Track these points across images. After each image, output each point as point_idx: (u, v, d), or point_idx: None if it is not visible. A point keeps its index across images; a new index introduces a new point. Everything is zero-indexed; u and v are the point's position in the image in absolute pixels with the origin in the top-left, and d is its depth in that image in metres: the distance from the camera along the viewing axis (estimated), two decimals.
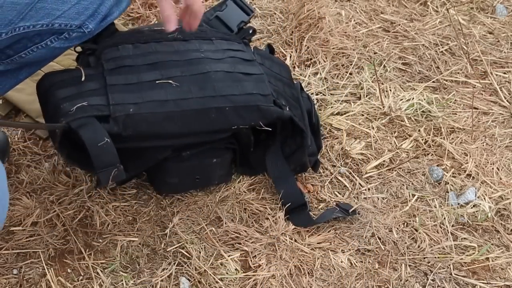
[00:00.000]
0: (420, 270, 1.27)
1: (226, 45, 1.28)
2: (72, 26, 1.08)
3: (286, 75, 1.37)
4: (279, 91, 1.26)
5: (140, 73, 1.16)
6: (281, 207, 1.32)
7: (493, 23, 1.89)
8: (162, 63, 1.18)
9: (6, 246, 1.23)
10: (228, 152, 1.32)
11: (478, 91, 1.67)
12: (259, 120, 1.21)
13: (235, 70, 1.22)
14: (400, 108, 1.57)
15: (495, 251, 1.31)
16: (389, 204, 1.38)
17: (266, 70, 1.28)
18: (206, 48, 1.24)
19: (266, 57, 1.34)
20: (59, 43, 1.10)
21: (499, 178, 1.45)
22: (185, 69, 1.18)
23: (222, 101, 1.17)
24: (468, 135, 1.53)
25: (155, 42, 1.22)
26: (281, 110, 1.22)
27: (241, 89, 1.19)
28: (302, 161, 1.33)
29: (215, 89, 1.17)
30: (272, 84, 1.25)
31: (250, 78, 1.22)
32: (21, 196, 1.31)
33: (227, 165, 1.34)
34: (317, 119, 1.40)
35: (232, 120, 1.19)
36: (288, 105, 1.25)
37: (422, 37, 1.80)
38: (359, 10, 1.88)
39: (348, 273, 1.25)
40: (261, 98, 1.20)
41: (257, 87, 1.21)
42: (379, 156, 1.46)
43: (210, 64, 1.20)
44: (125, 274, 1.21)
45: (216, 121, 1.18)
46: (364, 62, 1.70)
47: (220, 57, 1.23)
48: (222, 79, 1.19)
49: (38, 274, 1.20)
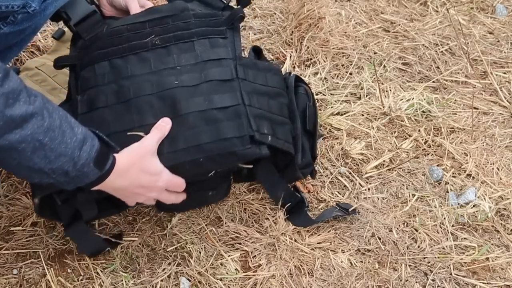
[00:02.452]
0: (420, 270, 1.27)
1: (207, 50, 1.18)
2: (14, 7, 1.04)
3: (273, 82, 1.23)
4: (262, 114, 1.16)
5: (112, 122, 1.11)
6: (281, 208, 1.32)
7: (493, 23, 1.89)
8: (135, 100, 1.11)
9: (6, 246, 1.23)
10: (225, 181, 1.30)
11: (478, 91, 1.67)
12: (237, 162, 1.19)
13: (210, 106, 1.12)
14: (400, 108, 1.57)
15: (495, 251, 1.31)
16: (389, 204, 1.38)
17: (247, 87, 1.17)
18: (184, 62, 1.16)
19: (249, 66, 1.21)
20: (8, 28, 1.07)
21: (499, 178, 1.45)
22: (158, 112, 1.11)
23: (194, 153, 1.10)
24: (468, 135, 1.53)
25: (133, 54, 1.16)
26: (258, 151, 1.13)
27: (215, 133, 1.10)
28: (294, 175, 1.28)
29: (187, 140, 1.10)
30: (252, 108, 1.15)
31: (225, 115, 1.12)
32: (21, 196, 1.31)
33: (224, 191, 1.32)
34: (314, 122, 1.30)
35: (208, 167, 1.15)
36: (273, 127, 1.16)
37: (422, 37, 1.80)
38: (359, 10, 1.88)
39: (348, 273, 1.25)
40: (237, 142, 1.11)
41: (232, 128, 1.11)
42: (379, 156, 1.46)
43: (183, 101, 1.11)
44: (125, 274, 1.21)
45: (190, 172, 1.13)
46: (364, 62, 1.70)
47: (197, 81, 1.14)
48: (194, 124, 1.11)
49: (38, 274, 1.20)
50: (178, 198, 1.18)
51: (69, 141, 0.94)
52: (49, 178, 0.95)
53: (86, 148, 0.96)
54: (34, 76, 1.52)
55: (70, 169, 0.95)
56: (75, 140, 0.95)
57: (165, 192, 1.14)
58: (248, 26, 1.77)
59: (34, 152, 0.90)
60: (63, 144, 0.93)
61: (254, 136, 1.12)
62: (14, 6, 1.04)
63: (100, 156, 0.98)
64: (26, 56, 1.60)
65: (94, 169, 0.98)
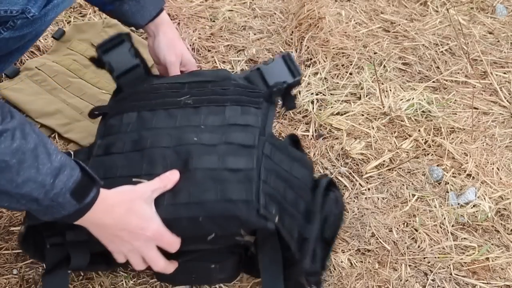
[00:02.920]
0: (420, 270, 1.27)
1: (236, 116, 1.15)
2: (13, 12, 1.01)
3: (298, 173, 1.14)
4: (274, 194, 1.06)
5: (121, 167, 1.08)
6: None
7: (493, 23, 1.89)
8: (149, 151, 1.09)
9: (6, 246, 1.23)
10: (231, 256, 1.14)
11: (478, 91, 1.67)
12: (239, 228, 1.04)
13: (222, 165, 1.06)
14: (400, 108, 1.57)
15: (495, 251, 1.31)
16: (389, 204, 1.38)
17: (269, 165, 1.09)
18: (210, 122, 1.13)
19: (279, 148, 1.14)
20: (9, 33, 1.05)
21: (499, 178, 1.45)
22: (169, 164, 1.07)
23: (195, 210, 1.02)
24: (468, 135, 1.53)
25: (163, 109, 1.15)
26: (264, 221, 1.02)
27: (221, 193, 1.02)
28: (297, 279, 1.09)
29: (190, 195, 1.03)
30: (267, 185, 1.06)
31: (235, 177, 1.05)
32: None
33: (230, 268, 1.16)
34: (334, 233, 1.18)
35: (207, 229, 1.04)
36: (281, 213, 1.05)
37: (422, 37, 1.81)
38: (359, 10, 1.88)
39: (348, 273, 1.24)
40: (242, 207, 1.02)
41: (239, 191, 1.03)
42: (379, 156, 1.46)
43: (196, 158, 1.07)
44: (125, 274, 1.21)
45: (188, 230, 1.03)
46: (364, 62, 1.70)
47: (216, 142, 1.09)
48: (201, 180, 1.04)
49: (38, 274, 1.20)
50: (167, 267, 1.06)
51: (41, 167, 0.88)
52: (19, 204, 0.90)
53: (63, 178, 0.90)
54: (34, 76, 1.52)
55: (40, 197, 0.89)
56: (49, 167, 0.89)
57: (154, 249, 1.03)
58: (248, 26, 1.77)
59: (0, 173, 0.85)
60: (33, 169, 0.87)
61: (259, 210, 1.02)
62: (13, 11, 1.01)
63: (80, 188, 0.92)
64: (26, 56, 1.60)
65: (71, 201, 0.91)
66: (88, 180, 0.94)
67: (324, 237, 1.15)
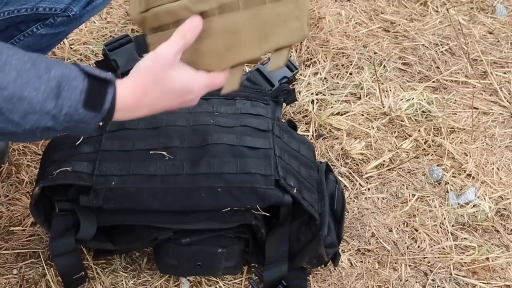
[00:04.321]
0: (420, 270, 1.27)
1: (247, 107, 1.20)
2: (57, 10, 1.05)
3: (306, 154, 1.21)
4: (290, 170, 1.11)
5: (137, 140, 1.09)
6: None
7: (493, 23, 1.89)
8: (165, 128, 1.11)
9: (6, 246, 1.23)
10: (238, 242, 1.16)
11: (478, 91, 1.67)
12: (255, 203, 1.07)
13: (240, 143, 1.10)
14: (400, 108, 1.57)
15: (495, 251, 1.31)
16: (389, 204, 1.38)
17: (281, 145, 1.15)
18: (223, 110, 1.17)
19: (285, 130, 1.21)
20: (45, 30, 1.07)
21: (499, 178, 1.45)
22: (186, 138, 1.10)
23: (214, 180, 1.05)
24: (468, 135, 1.53)
25: None
26: (281, 195, 1.07)
27: (240, 167, 1.07)
28: (317, 252, 1.14)
29: (209, 166, 1.06)
30: (283, 161, 1.11)
31: (254, 154, 1.09)
32: (21, 196, 1.31)
33: (236, 256, 1.17)
34: (342, 205, 1.21)
35: (223, 202, 1.06)
36: (299, 186, 1.10)
37: (422, 37, 1.80)
38: (359, 10, 1.88)
39: (348, 273, 1.25)
40: (260, 179, 1.06)
41: (258, 166, 1.07)
42: (379, 156, 1.46)
43: (214, 134, 1.11)
44: (125, 274, 1.21)
45: (205, 201, 1.06)
46: (364, 62, 1.70)
47: (232, 124, 1.14)
48: (220, 153, 1.08)
49: (38, 274, 1.20)
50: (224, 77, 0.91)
51: (34, 93, 0.75)
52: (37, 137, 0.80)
53: (66, 94, 0.77)
54: None
55: (51, 124, 0.78)
56: (44, 89, 0.76)
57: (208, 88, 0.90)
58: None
59: None
60: (25, 100, 0.75)
61: (279, 180, 1.06)
62: (57, 9, 1.05)
63: (92, 96, 0.78)
64: None
65: (89, 113, 0.79)
66: (99, 83, 0.80)
67: (335, 212, 1.19)
